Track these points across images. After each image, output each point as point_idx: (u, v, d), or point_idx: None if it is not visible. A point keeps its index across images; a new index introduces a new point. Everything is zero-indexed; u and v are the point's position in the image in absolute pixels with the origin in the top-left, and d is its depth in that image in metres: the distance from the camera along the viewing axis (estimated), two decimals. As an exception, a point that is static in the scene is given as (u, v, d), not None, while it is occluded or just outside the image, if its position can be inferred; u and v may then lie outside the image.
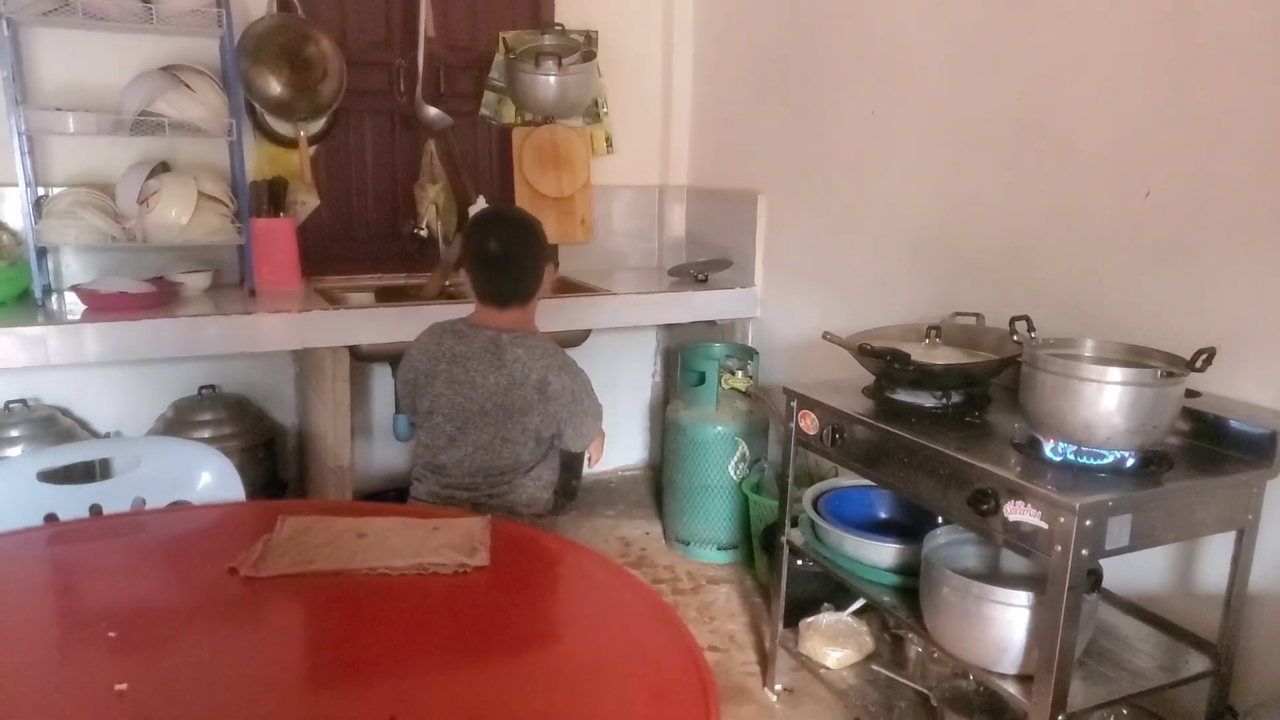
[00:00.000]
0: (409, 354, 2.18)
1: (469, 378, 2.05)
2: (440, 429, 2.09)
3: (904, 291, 2.68)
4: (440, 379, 2.08)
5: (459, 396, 2.06)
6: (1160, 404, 1.61)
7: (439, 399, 2.08)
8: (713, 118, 3.66)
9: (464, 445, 2.07)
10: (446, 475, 2.11)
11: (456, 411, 2.06)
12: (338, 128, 3.28)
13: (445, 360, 2.08)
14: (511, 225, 2.14)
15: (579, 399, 2.08)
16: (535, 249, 2.12)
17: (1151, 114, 1.95)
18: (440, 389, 2.08)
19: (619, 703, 1.12)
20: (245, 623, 1.29)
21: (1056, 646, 1.58)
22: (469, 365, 2.05)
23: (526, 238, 2.11)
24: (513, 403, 2.03)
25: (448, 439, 2.09)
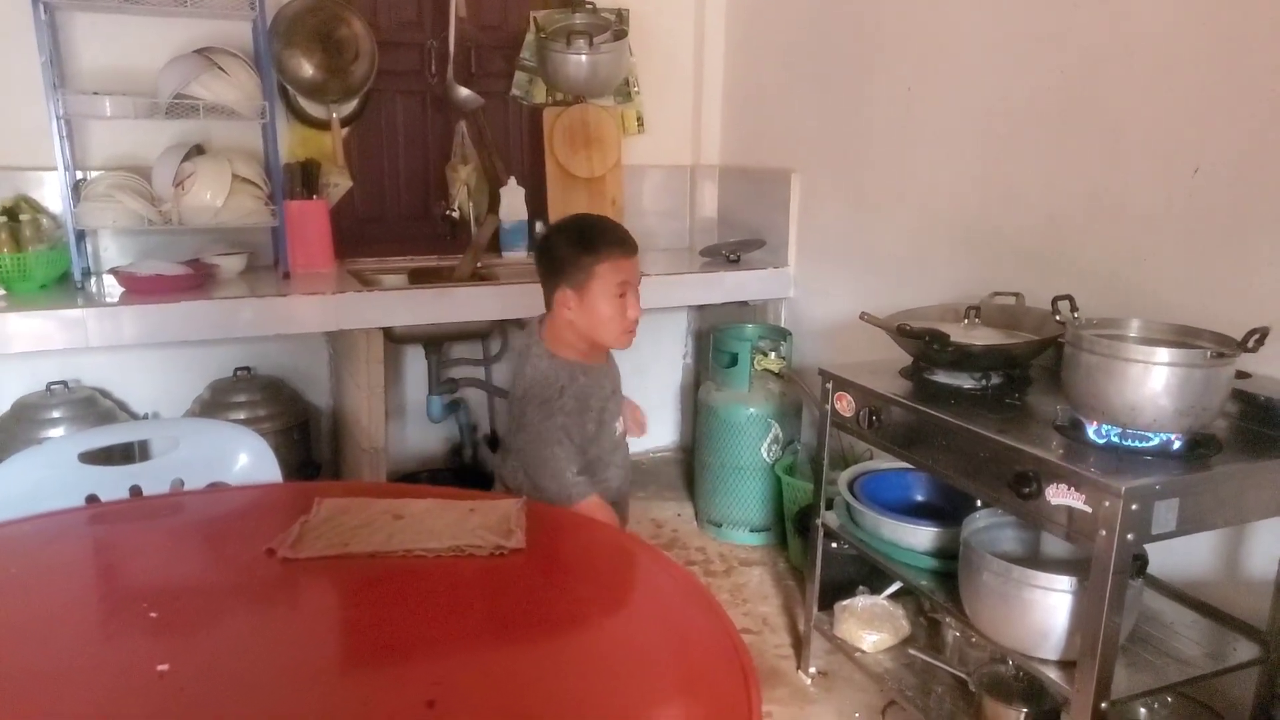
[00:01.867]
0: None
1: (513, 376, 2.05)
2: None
3: (941, 272, 2.63)
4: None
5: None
6: (1210, 385, 1.57)
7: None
8: (745, 96, 3.61)
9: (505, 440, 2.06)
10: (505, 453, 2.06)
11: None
12: (370, 109, 3.28)
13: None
14: (548, 230, 2.04)
15: (543, 440, 1.89)
16: (540, 264, 1.96)
17: (1200, 91, 1.89)
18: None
19: (657, 687, 1.11)
20: (283, 604, 1.29)
21: (1100, 633, 1.55)
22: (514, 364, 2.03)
23: (540, 249, 1.99)
24: (514, 412, 2.00)
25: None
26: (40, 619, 1.21)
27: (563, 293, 1.90)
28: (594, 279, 1.87)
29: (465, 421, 3.48)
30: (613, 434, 2.00)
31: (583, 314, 1.90)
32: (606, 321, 1.90)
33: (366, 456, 2.91)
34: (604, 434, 1.97)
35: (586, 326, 1.91)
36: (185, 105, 2.73)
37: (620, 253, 1.90)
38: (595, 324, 1.90)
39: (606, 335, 1.93)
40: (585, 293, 1.88)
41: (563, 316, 1.92)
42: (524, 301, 2.96)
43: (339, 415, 3.31)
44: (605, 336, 1.93)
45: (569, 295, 1.90)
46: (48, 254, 2.67)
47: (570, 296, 1.89)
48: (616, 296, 1.88)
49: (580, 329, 1.92)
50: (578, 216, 2.00)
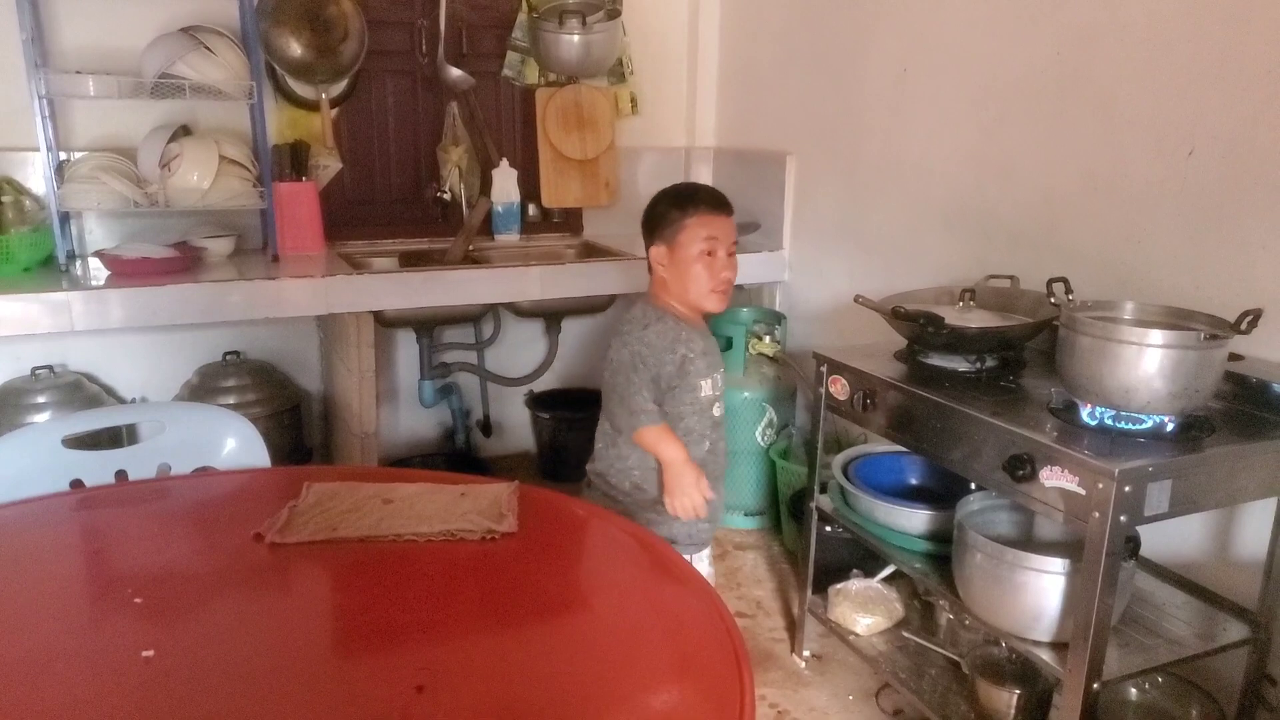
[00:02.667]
0: None
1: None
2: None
3: (936, 254, 2.62)
4: None
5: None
6: (1203, 367, 1.56)
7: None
8: (740, 77, 3.58)
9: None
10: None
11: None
12: (359, 90, 3.24)
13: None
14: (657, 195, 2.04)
15: (614, 368, 1.95)
16: (646, 223, 2.00)
17: (1196, 70, 1.87)
18: None
19: (650, 671, 1.10)
20: (271, 590, 1.28)
21: (1093, 614, 1.55)
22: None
23: (646, 212, 2.01)
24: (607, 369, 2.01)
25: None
26: (25, 605, 1.19)
27: (657, 248, 1.96)
28: (682, 232, 1.92)
29: (458, 406, 3.46)
30: (697, 394, 1.97)
31: (674, 270, 1.95)
32: (696, 278, 1.93)
33: (358, 441, 2.90)
34: (685, 387, 1.95)
35: (677, 284, 1.95)
36: (171, 85, 2.70)
37: (708, 209, 1.94)
38: (686, 280, 1.94)
39: (697, 293, 1.95)
40: (676, 248, 1.93)
41: (658, 275, 1.98)
42: (517, 285, 2.95)
43: (330, 400, 3.29)
44: (696, 294, 1.95)
45: (662, 251, 1.95)
46: (31, 236, 2.64)
47: (663, 252, 1.95)
48: (705, 253, 1.92)
49: (673, 288, 1.96)
50: (678, 184, 2.07)
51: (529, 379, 3.42)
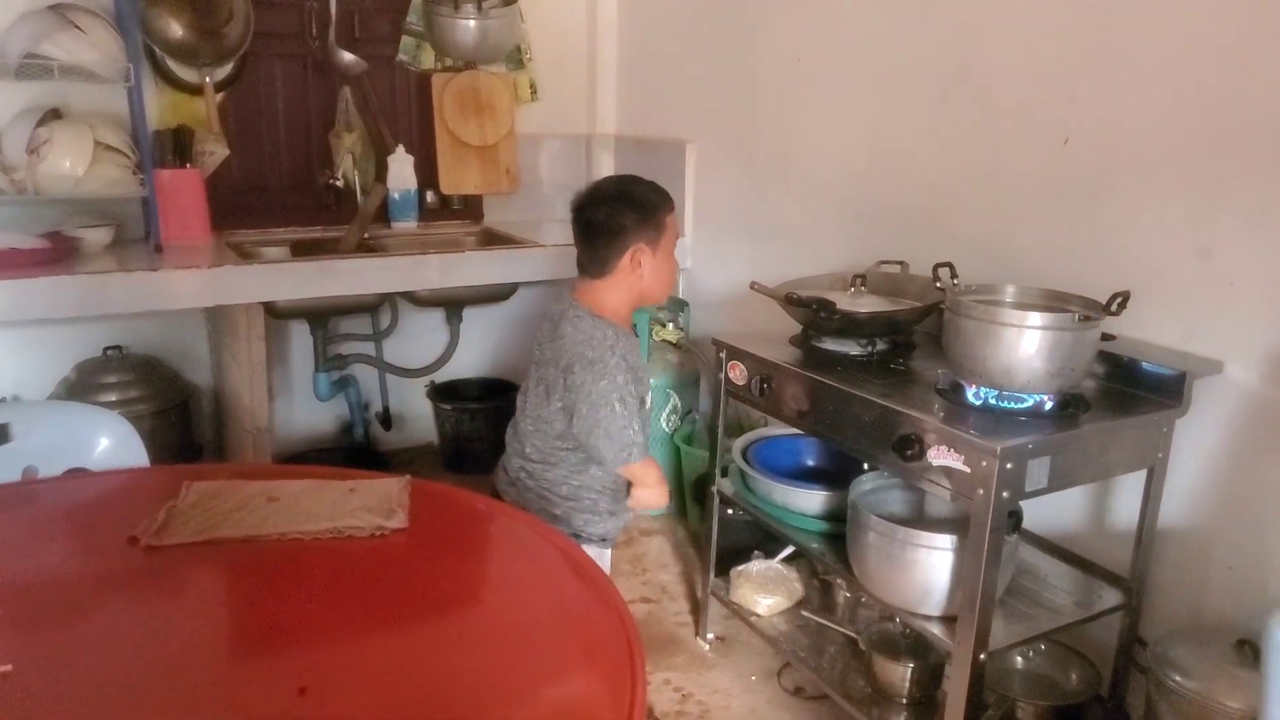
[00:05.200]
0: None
1: (537, 344, 1.94)
2: (522, 391, 2.00)
3: (831, 241, 2.67)
4: (535, 343, 1.97)
5: (533, 363, 1.95)
6: (1078, 347, 1.63)
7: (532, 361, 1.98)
8: (639, 65, 3.58)
9: (526, 414, 1.94)
10: (513, 444, 1.99)
11: (530, 378, 1.96)
12: (246, 73, 3.12)
13: (539, 322, 1.99)
14: (600, 190, 1.92)
15: (593, 402, 1.78)
16: (615, 221, 1.84)
17: (1069, 63, 1.94)
18: (533, 352, 1.98)
19: (542, 663, 1.10)
20: (146, 596, 1.23)
21: (979, 587, 1.60)
22: (540, 331, 1.95)
23: (610, 206, 1.86)
24: (549, 380, 1.87)
25: (521, 405, 1.98)
26: None
27: (639, 248, 1.85)
28: (665, 230, 1.89)
29: (356, 399, 3.38)
30: (645, 407, 1.92)
31: (656, 267, 1.88)
32: (670, 273, 1.94)
33: (250, 437, 2.80)
34: (643, 410, 1.88)
35: (652, 282, 1.89)
36: (37, 65, 2.55)
37: (672, 202, 1.94)
38: (662, 277, 1.91)
39: (665, 288, 1.95)
40: (659, 246, 1.88)
41: (632, 275, 1.86)
42: (416, 273, 2.89)
43: (221, 395, 3.18)
44: (663, 290, 1.95)
45: (645, 250, 1.85)
46: (-115, 227, 2.47)
47: (646, 251, 1.86)
48: (674, 247, 1.93)
49: (641, 287, 1.89)
50: (620, 177, 2.01)
51: (430, 370, 3.36)
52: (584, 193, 1.92)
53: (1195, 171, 1.74)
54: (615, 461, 1.84)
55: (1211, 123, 1.70)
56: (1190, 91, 1.73)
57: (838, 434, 1.91)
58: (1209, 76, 1.70)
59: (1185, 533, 1.83)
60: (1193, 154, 1.74)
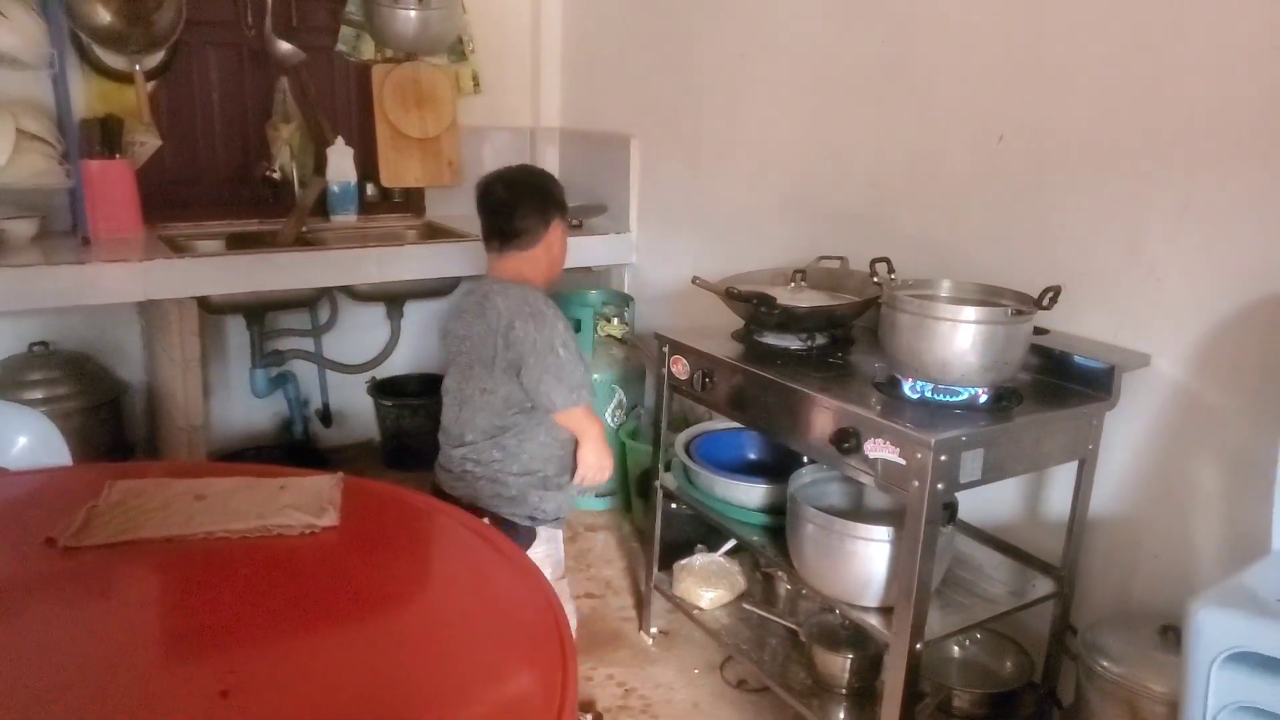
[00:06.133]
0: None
1: (462, 331, 1.98)
2: (446, 387, 2.04)
3: (773, 236, 2.68)
4: (449, 336, 2.03)
5: (456, 351, 2.00)
6: (1010, 341, 1.65)
7: (448, 355, 2.04)
8: (584, 58, 3.56)
9: (459, 401, 1.98)
10: (449, 436, 2.02)
11: (456, 367, 2.00)
12: (179, 62, 3.04)
13: (452, 316, 2.05)
14: (512, 172, 2.05)
15: (539, 350, 1.86)
16: (532, 195, 1.99)
17: (1004, 62, 1.98)
18: (449, 345, 2.03)
19: (473, 660, 1.08)
20: (63, 599, 1.19)
21: (915, 578, 1.62)
22: (464, 318, 1.99)
23: (524, 183, 2.02)
24: (487, 352, 1.91)
25: (451, 397, 2.02)
26: None
27: (555, 228, 2.01)
28: (564, 212, 2.06)
29: (295, 396, 3.32)
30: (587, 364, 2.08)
31: (559, 250, 2.05)
32: (564, 256, 2.08)
33: (184, 435, 2.73)
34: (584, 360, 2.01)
35: (552, 264, 2.05)
36: (-46, 51, 2.46)
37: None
38: (559, 259, 2.07)
39: (558, 271, 2.08)
40: (562, 230, 2.05)
41: (551, 249, 2.02)
42: (355, 267, 2.85)
43: (154, 392, 3.10)
44: (557, 272, 2.08)
45: (560, 226, 2.03)
46: None
47: (560, 227, 2.03)
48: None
49: (550, 261, 2.04)
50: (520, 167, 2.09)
51: (371, 365, 3.31)
52: (500, 173, 2.04)
53: (1123, 170, 1.78)
54: (567, 403, 1.90)
55: (1139, 122, 1.74)
56: (1119, 91, 1.77)
57: (777, 428, 1.92)
58: (1136, 77, 1.74)
59: (1114, 523, 1.87)
60: (1121, 152, 1.78)
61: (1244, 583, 1.19)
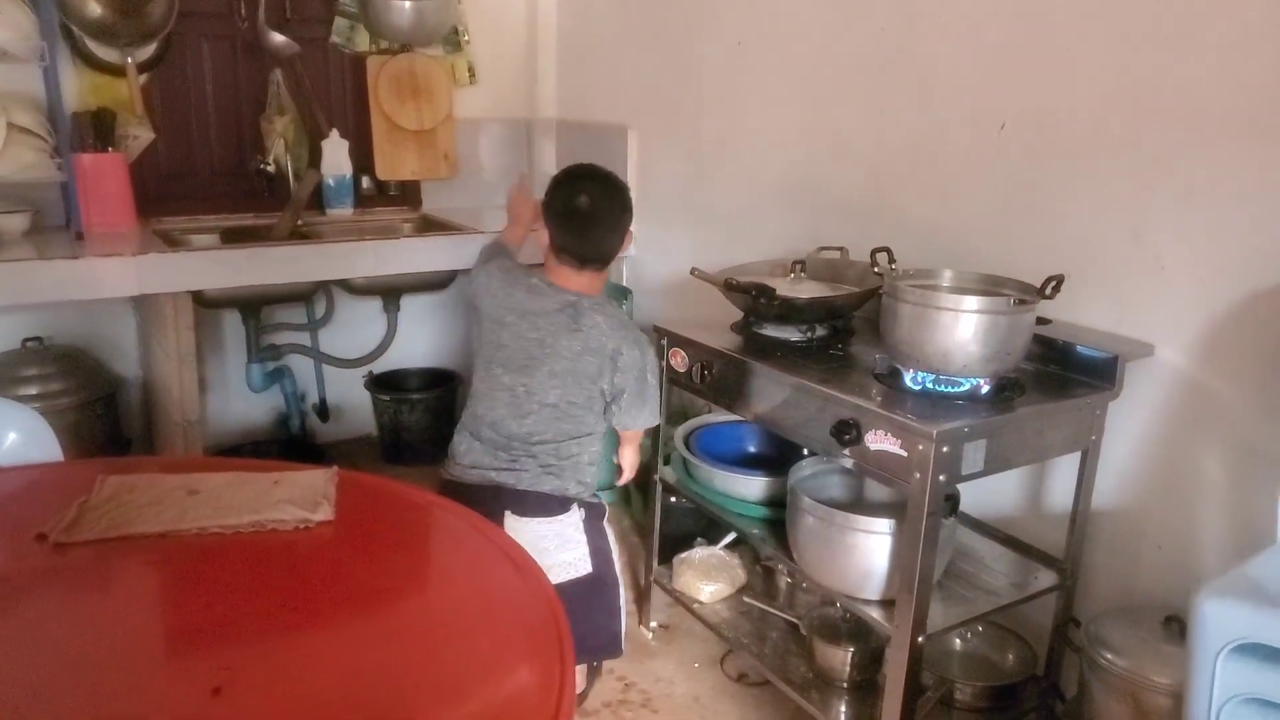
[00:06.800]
0: (477, 279, 2.14)
1: (540, 337, 1.98)
2: (498, 381, 2.02)
3: (773, 226, 2.66)
4: (508, 331, 2.02)
5: (524, 355, 1.99)
6: (1013, 331, 1.64)
7: (501, 351, 2.02)
8: (580, 48, 3.53)
9: (529, 404, 1.99)
10: (509, 433, 2.01)
11: (521, 368, 1.99)
12: (172, 54, 3.01)
13: (515, 313, 2.02)
14: (605, 184, 2.05)
15: (644, 376, 2.01)
16: (625, 212, 2.04)
17: (1006, 49, 1.95)
18: (507, 341, 2.02)
19: (470, 655, 1.07)
20: (54, 594, 1.17)
21: (916, 571, 1.61)
22: (541, 324, 1.99)
23: (618, 198, 2.04)
24: (584, 368, 1.97)
25: (508, 394, 2.01)
26: None
27: (629, 236, 2.10)
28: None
29: (291, 390, 3.30)
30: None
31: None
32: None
33: (180, 430, 2.71)
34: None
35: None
36: (-56, 44, 2.43)
37: None
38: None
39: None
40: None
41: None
42: (351, 261, 2.82)
43: (149, 387, 3.08)
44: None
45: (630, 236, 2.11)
46: None
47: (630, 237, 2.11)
48: None
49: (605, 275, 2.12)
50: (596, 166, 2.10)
51: (367, 359, 3.29)
52: (589, 187, 2.01)
53: (1126, 156, 1.75)
54: (646, 425, 2.10)
55: (1141, 107, 1.72)
56: (1121, 77, 1.75)
57: (777, 420, 1.90)
58: (1139, 62, 1.72)
59: (1117, 514, 1.86)
60: (1123, 138, 1.76)
61: (1250, 573, 1.18)
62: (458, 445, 2.09)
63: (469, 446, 2.06)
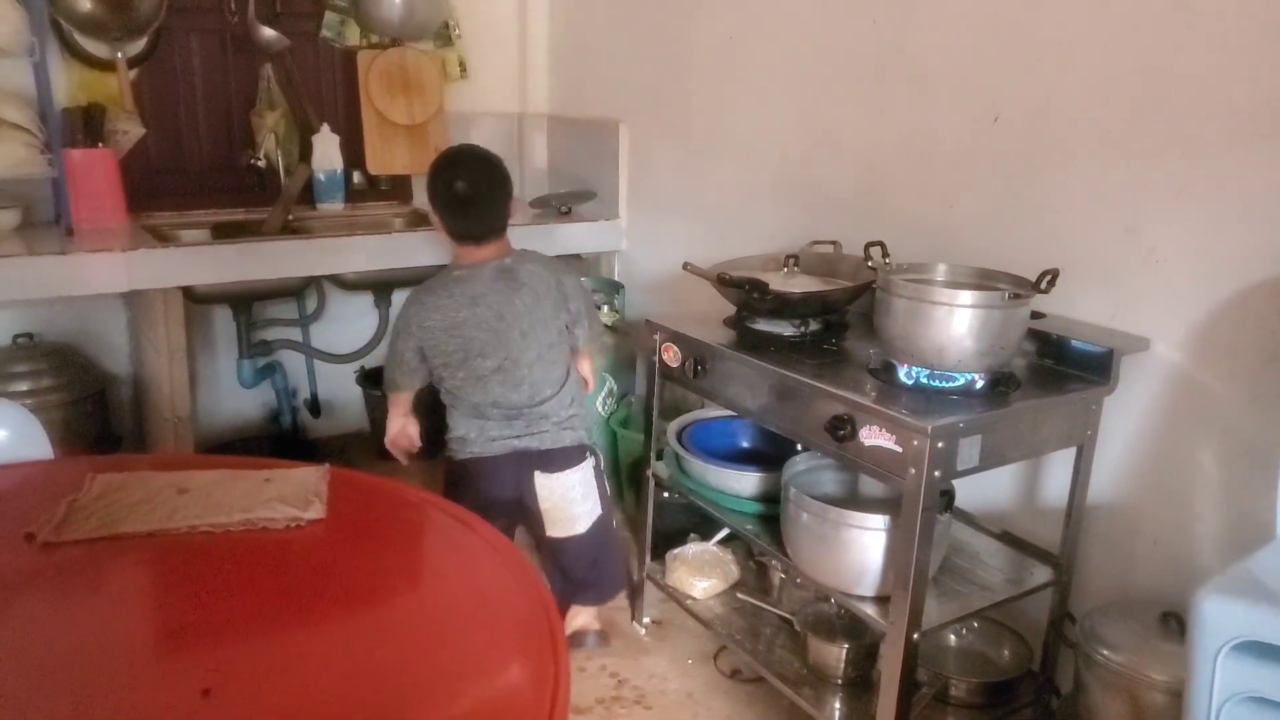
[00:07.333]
0: (409, 322, 2.14)
1: (497, 310, 2.09)
2: (481, 368, 2.10)
3: (766, 221, 2.65)
4: (467, 326, 2.09)
5: (492, 332, 2.09)
6: (1007, 326, 1.63)
7: (472, 345, 2.09)
8: (571, 43, 3.52)
9: (518, 372, 2.11)
10: (511, 405, 2.12)
11: (495, 348, 2.09)
12: (161, 49, 2.99)
13: (465, 307, 2.09)
14: (476, 163, 2.16)
15: (585, 292, 2.25)
16: (502, 183, 2.15)
17: (999, 40, 1.94)
18: (471, 334, 2.09)
19: (463, 655, 1.06)
20: (41, 595, 1.16)
21: (911, 567, 1.60)
22: (486, 301, 2.09)
23: (493, 173, 2.15)
24: (543, 314, 2.13)
25: (497, 374, 2.10)
26: None
27: (514, 200, 2.24)
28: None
29: (283, 386, 3.28)
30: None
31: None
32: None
33: (171, 427, 2.70)
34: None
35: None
36: (-70, 38, 2.40)
37: None
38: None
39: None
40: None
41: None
42: (342, 255, 2.81)
43: (140, 383, 3.06)
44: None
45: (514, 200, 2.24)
46: None
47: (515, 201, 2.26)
48: None
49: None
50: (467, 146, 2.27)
51: (359, 355, 3.27)
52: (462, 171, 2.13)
53: (1121, 150, 1.75)
54: (600, 330, 2.36)
55: (1136, 101, 1.71)
56: (1116, 69, 1.74)
57: (771, 415, 1.89)
58: (1133, 54, 1.71)
59: (1113, 509, 1.85)
60: (1118, 132, 1.75)
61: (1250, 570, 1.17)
62: (466, 431, 2.15)
63: (481, 426, 2.13)
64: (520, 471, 2.13)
